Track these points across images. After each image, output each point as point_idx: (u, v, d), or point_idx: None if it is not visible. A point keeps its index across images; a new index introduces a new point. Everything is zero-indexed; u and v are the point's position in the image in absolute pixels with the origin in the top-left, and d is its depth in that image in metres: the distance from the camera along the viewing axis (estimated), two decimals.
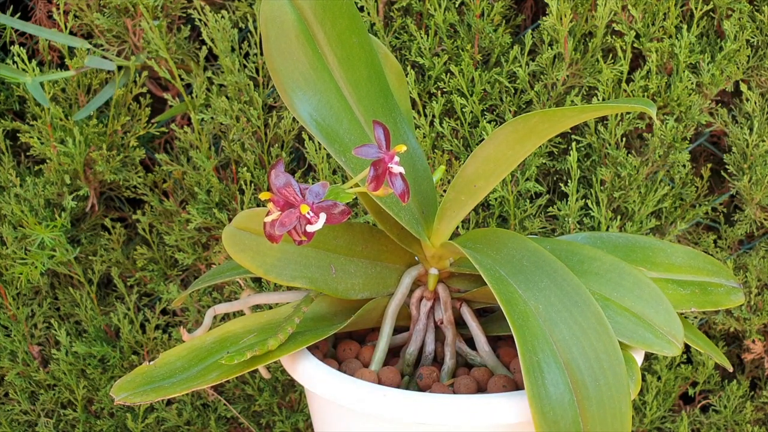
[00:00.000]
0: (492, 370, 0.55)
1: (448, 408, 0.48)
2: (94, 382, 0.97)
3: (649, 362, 0.94)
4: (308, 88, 0.52)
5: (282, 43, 0.51)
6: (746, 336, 0.92)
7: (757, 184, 0.86)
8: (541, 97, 0.86)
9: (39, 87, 0.85)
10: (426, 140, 0.86)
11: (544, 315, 0.48)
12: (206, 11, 0.85)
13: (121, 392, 0.51)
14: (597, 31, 0.83)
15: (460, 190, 0.52)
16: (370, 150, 0.45)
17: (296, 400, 0.97)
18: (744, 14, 0.84)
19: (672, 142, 0.85)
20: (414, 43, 0.86)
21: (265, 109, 0.89)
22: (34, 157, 0.98)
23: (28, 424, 1.01)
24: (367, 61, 0.55)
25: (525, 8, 0.94)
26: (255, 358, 0.50)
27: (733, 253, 0.92)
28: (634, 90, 0.84)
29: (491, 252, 0.52)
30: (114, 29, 0.89)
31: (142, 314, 0.96)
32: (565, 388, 0.46)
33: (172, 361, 0.53)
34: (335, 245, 0.55)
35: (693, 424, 0.96)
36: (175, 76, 0.87)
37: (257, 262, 0.53)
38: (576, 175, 0.84)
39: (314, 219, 0.44)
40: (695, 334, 0.58)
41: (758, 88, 0.86)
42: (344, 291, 0.55)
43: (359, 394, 0.49)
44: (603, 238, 0.61)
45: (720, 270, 0.60)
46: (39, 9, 0.96)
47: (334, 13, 0.53)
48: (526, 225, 0.87)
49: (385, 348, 0.55)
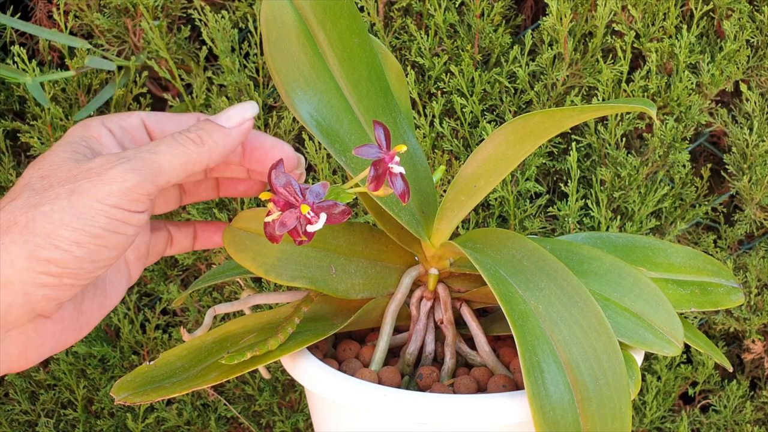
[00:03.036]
0: (492, 370, 0.55)
1: (448, 408, 0.48)
2: (95, 382, 0.97)
3: (649, 362, 0.94)
4: (308, 88, 0.52)
5: (282, 43, 0.51)
6: (746, 336, 0.92)
7: (757, 184, 0.86)
8: (541, 97, 0.86)
9: (39, 87, 0.85)
10: (426, 140, 0.86)
11: (544, 315, 0.48)
12: (206, 11, 0.85)
13: (122, 392, 0.51)
14: (597, 31, 0.83)
15: (460, 190, 0.52)
16: (371, 150, 0.45)
17: (296, 400, 0.97)
18: (744, 14, 0.84)
19: (672, 142, 0.85)
20: (414, 43, 0.86)
21: (265, 109, 0.89)
22: (34, 157, 0.98)
23: (29, 424, 1.01)
24: (367, 61, 0.55)
25: (525, 8, 0.94)
26: (255, 358, 0.50)
27: (733, 253, 0.92)
28: (634, 90, 0.84)
29: (491, 252, 0.52)
30: (114, 29, 0.89)
31: (142, 314, 0.96)
32: (565, 388, 0.46)
33: (172, 361, 0.53)
34: (335, 245, 0.55)
35: (693, 424, 0.96)
36: (175, 76, 0.87)
37: (257, 262, 0.53)
38: (576, 175, 0.84)
39: (315, 219, 0.44)
40: (695, 334, 0.58)
41: (758, 88, 0.86)
42: (344, 291, 0.55)
43: (359, 394, 0.49)
44: (603, 238, 0.61)
45: (720, 270, 0.60)
46: (39, 9, 0.96)
47: (335, 13, 0.53)
48: (526, 225, 0.87)
49: (385, 348, 0.55)
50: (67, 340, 0.45)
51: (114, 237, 0.42)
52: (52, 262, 0.40)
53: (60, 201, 0.41)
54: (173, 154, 0.44)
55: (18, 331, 0.42)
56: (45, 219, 0.40)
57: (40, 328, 0.43)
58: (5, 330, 0.41)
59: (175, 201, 0.53)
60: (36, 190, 0.42)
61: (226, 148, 0.46)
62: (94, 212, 0.41)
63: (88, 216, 0.41)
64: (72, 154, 0.44)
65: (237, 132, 0.47)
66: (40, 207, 0.41)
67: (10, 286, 0.40)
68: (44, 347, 0.43)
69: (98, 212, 0.41)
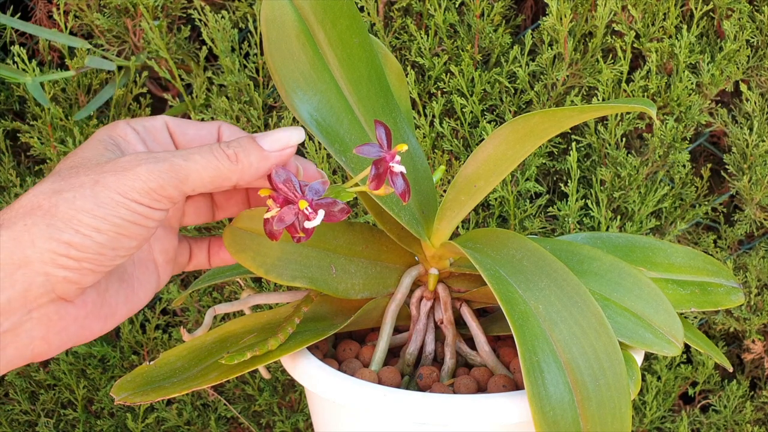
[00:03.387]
0: (492, 370, 0.55)
1: (448, 408, 0.48)
2: (94, 382, 0.97)
3: (649, 362, 0.94)
4: (309, 88, 0.52)
5: (282, 43, 0.51)
6: (746, 336, 0.92)
7: (757, 184, 0.86)
8: (541, 97, 0.86)
9: (39, 87, 0.85)
10: (426, 140, 0.86)
11: (544, 315, 0.48)
12: (206, 11, 0.85)
13: (122, 392, 0.51)
14: (597, 32, 0.83)
15: (460, 190, 0.52)
16: (372, 149, 0.45)
17: (296, 400, 0.97)
18: (744, 14, 0.84)
19: (672, 142, 0.85)
20: (414, 43, 0.86)
21: (265, 109, 0.89)
22: (34, 157, 0.98)
23: (29, 424, 1.01)
24: (367, 61, 0.55)
25: (525, 8, 0.94)
26: (255, 358, 0.50)
27: (733, 253, 0.92)
28: (634, 90, 0.84)
29: (491, 252, 0.52)
30: (114, 29, 0.89)
31: (142, 314, 0.96)
32: (565, 388, 0.46)
33: (172, 361, 0.53)
34: (335, 245, 0.55)
35: (693, 424, 0.96)
36: (175, 76, 0.87)
37: (257, 262, 0.53)
38: (576, 175, 0.84)
39: (312, 215, 0.44)
40: (695, 334, 0.58)
41: (758, 88, 0.86)
42: (344, 291, 0.55)
43: (359, 394, 0.49)
44: (603, 238, 0.61)
45: (720, 270, 0.60)
46: (39, 9, 0.96)
47: (335, 13, 0.53)
48: (526, 225, 0.87)
49: (385, 348, 0.55)
50: (91, 329, 0.45)
51: (134, 228, 0.43)
52: (72, 245, 0.42)
53: (83, 189, 0.42)
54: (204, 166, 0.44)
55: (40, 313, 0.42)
56: (67, 204, 0.42)
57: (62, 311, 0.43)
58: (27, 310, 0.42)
59: (206, 214, 0.54)
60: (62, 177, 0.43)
61: (260, 170, 0.46)
62: (114, 203, 0.42)
63: (109, 206, 0.42)
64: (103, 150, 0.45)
65: (276, 156, 0.46)
66: (64, 193, 0.42)
67: (30, 265, 0.41)
68: (67, 332, 0.44)
69: (119, 204, 0.42)
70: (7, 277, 0.41)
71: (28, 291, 0.41)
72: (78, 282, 0.43)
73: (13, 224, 0.41)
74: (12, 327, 0.42)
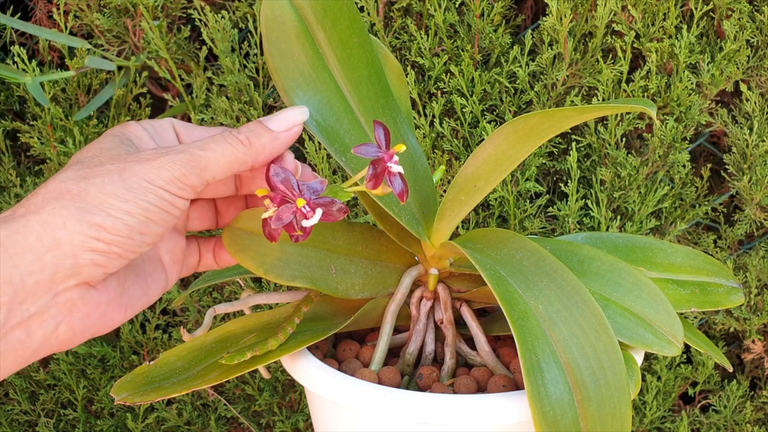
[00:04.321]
0: (492, 370, 0.55)
1: (448, 408, 0.48)
2: (94, 382, 0.97)
3: (649, 362, 0.94)
4: (308, 88, 0.52)
5: (282, 43, 0.51)
6: (746, 336, 0.92)
7: (757, 184, 0.86)
8: (541, 97, 0.86)
9: (39, 87, 0.85)
10: (426, 140, 0.86)
11: (544, 315, 0.48)
12: (206, 11, 0.85)
13: (122, 392, 0.51)
14: (597, 32, 0.83)
15: (460, 190, 0.52)
16: (370, 149, 0.46)
17: (296, 400, 0.97)
18: (744, 14, 0.84)
19: (672, 143, 0.85)
20: (414, 43, 0.86)
21: (266, 109, 0.89)
22: (34, 157, 0.98)
23: (28, 424, 1.01)
24: (367, 61, 0.55)
25: (525, 8, 0.94)
26: (255, 358, 0.50)
27: (733, 253, 0.92)
28: (634, 90, 0.84)
29: (491, 252, 0.52)
30: (114, 29, 0.89)
31: (142, 314, 0.96)
32: (565, 388, 0.46)
33: (172, 361, 0.53)
34: (335, 245, 0.55)
35: (693, 424, 0.96)
36: (175, 76, 0.87)
37: (257, 262, 0.53)
38: (576, 175, 0.84)
39: (310, 214, 0.44)
40: (695, 334, 0.58)
41: (758, 88, 0.86)
42: (344, 291, 0.55)
43: (359, 394, 0.49)
44: (603, 238, 0.61)
45: (720, 270, 0.60)
46: (39, 9, 0.96)
47: (335, 13, 0.53)
48: (526, 225, 0.87)
49: (385, 348, 0.55)
50: (112, 317, 0.46)
51: (161, 213, 0.45)
52: (104, 227, 0.42)
53: (111, 176, 0.43)
54: (221, 153, 0.46)
55: (65, 297, 0.43)
56: (97, 189, 0.43)
57: (85, 296, 0.44)
58: (53, 294, 0.42)
59: (209, 219, 0.55)
60: (86, 165, 0.44)
61: (273, 151, 0.48)
62: (143, 189, 0.44)
63: (138, 191, 0.43)
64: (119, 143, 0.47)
65: (285, 136, 0.49)
66: (92, 179, 0.43)
67: (60, 247, 0.42)
68: (90, 318, 0.44)
69: (147, 190, 0.44)
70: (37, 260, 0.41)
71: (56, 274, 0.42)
72: (105, 266, 0.43)
73: (41, 209, 0.42)
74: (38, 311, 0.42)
